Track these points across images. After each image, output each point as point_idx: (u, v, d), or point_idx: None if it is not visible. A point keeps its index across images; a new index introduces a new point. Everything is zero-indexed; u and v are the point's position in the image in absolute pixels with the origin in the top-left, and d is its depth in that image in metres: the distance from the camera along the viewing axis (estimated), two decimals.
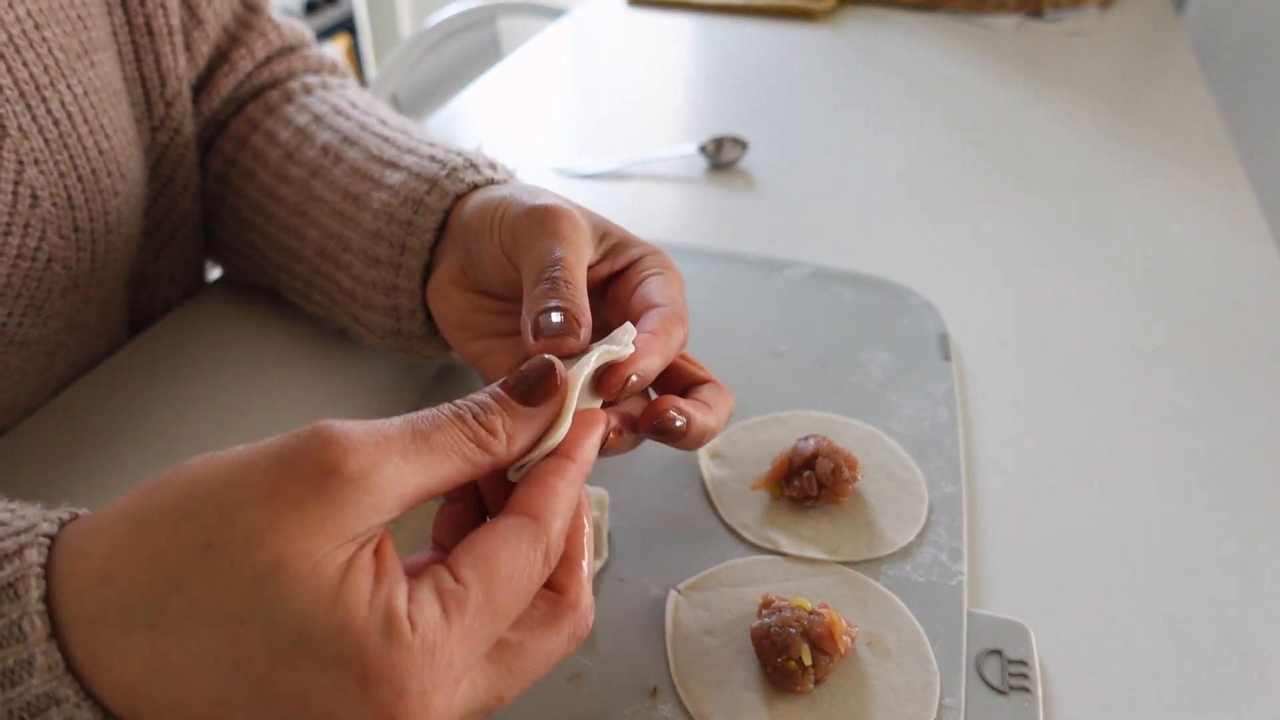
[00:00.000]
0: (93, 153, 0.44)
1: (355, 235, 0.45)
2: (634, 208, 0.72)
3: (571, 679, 0.35)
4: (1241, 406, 0.50)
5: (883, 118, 0.89)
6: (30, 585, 0.21)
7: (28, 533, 0.22)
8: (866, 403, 0.49)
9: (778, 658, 0.34)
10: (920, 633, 0.36)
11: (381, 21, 2.73)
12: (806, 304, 0.57)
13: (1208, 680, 0.36)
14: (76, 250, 0.45)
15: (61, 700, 0.21)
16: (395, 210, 0.43)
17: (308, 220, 0.48)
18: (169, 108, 0.51)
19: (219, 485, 0.22)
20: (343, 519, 0.22)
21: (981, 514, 0.43)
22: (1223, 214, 0.70)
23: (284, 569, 0.21)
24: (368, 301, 0.45)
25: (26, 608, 0.21)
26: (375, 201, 0.45)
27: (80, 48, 0.43)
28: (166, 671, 0.22)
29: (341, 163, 0.48)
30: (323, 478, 0.22)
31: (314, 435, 0.23)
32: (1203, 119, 0.87)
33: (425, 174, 0.44)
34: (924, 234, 0.68)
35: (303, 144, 0.50)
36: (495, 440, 0.26)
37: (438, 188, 0.43)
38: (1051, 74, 1.00)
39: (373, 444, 0.23)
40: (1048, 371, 0.53)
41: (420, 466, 0.24)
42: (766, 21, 1.17)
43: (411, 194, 0.43)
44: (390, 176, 0.45)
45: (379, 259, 0.44)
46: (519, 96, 0.97)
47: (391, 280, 0.44)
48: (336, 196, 0.47)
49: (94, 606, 0.22)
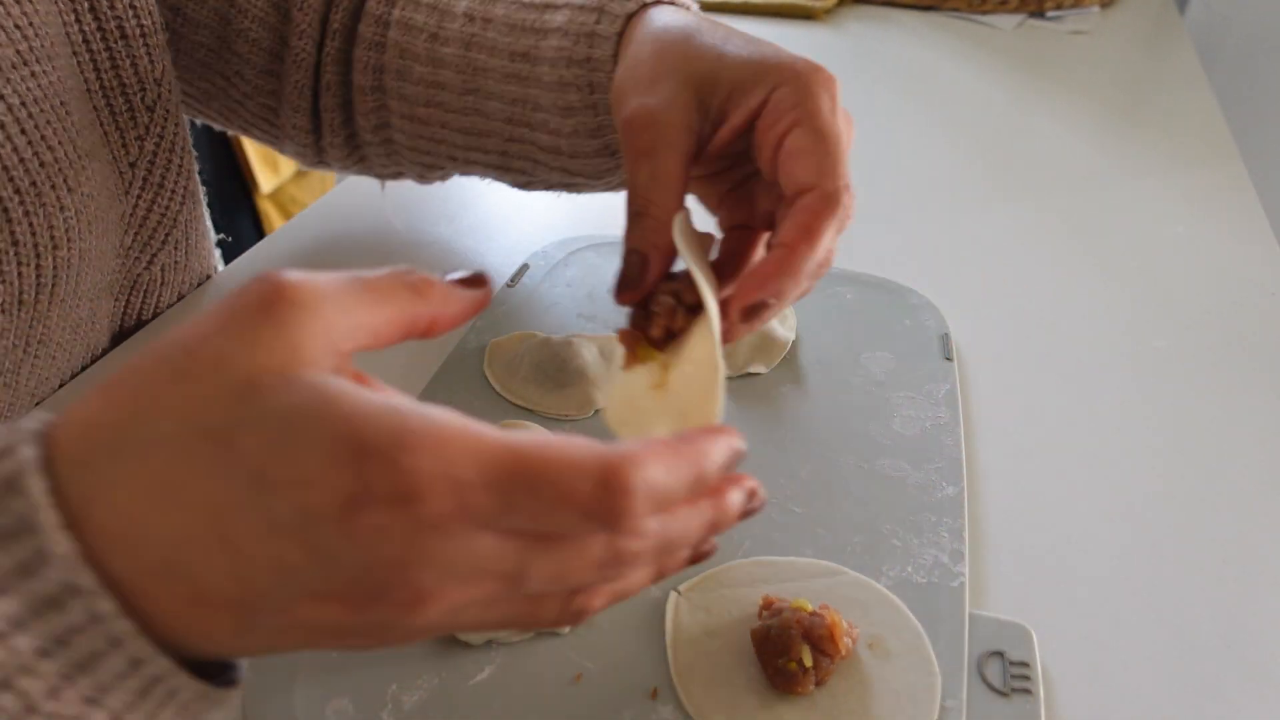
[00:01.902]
0: (32, 164, 0.43)
1: (539, 91, 0.44)
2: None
3: (572, 681, 0.35)
4: (1243, 407, 0.50)
5: (883, 117, 0.89)
6: (30, 479, 0.21)
7: (14, 433, 0.22)
8: (868, 403, 0.49)
9: (778, 659, 0.34)
10: (921, 634, 0.36)
11: None
12: (807, 304, 0.57)
13: (1209, 681, 0.36)
14: (18, 265, 0.43)
15: (81, 590, 0.20)
16: (570, 51, 0.42)
17: (482, 94, 0.47)
18: (151, 113, 0.50)
19: (180, 333, 0.23)
20: (293, 338, 0.22)
21: (983, 515, 0.43)
22: (1225, 214, 0.70)
23: (259, 384, 0.21)
24: (575, 150, 0.44)
25: (32, 499, 0.21)
26: (547, 50, 0.43)
27: (18, 57, 0.42)
28: (162, 489, 0.21)
29: (492, 24, 0.46)
30: (269, 305, 0.22)
31: (259, 276, 0.23)
32: (1205, 118, 0.87)
33: (589, 4, 0.42)
34: (925, 233, 0.68)
35: (443, 20, 0.48)
36: (432, 289, 0.26)
37: (605, 13, 0.42)
38: (1053, 73, 1.00)
39: (315, 279, 0.23)
40: (1049, 371, 0.53)
41: (361, 300, 0.24)
42: (766, 21, 1.17)
43: (581, 29, 0.42)
44: (552, 18, 0.43)
45: (572, 107, 0.43)
46: None
47: (593, 122, 0.43)
48: (503, 60, 0.45)
49: (81, 454, 0.21)
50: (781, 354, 0.52)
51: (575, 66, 0.42)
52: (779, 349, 0.52)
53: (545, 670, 0.35)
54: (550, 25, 0.43)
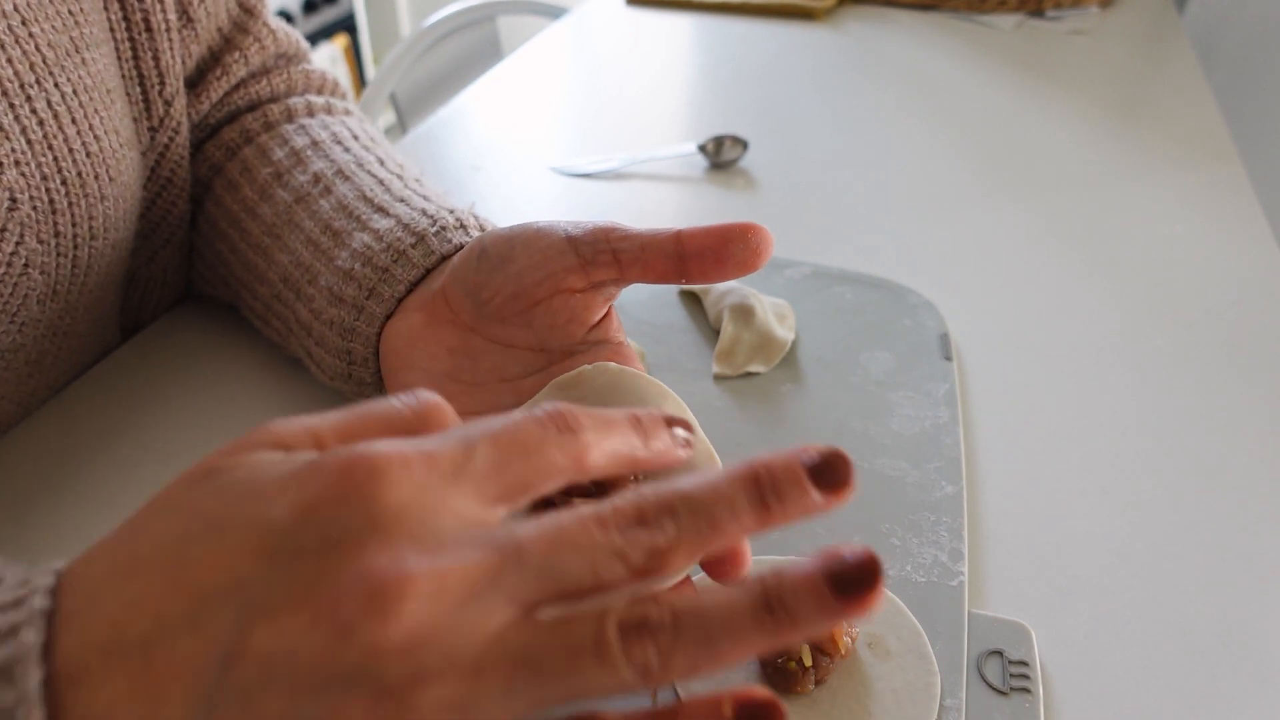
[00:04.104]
0: (79, 155, 0.43)
1: (325, 270, 0.44)
2: (633, 207, 0.72)
3: None
4: (1242, 406, 0.50)
5: (883, 117, 0.89)
6: (29, 669, 0.20)
7: (18, 608, 0.21)
8: (867, 402, 0.49)
9: (777, 658, 0.34)
10: (921, 633, 0.36)
11: (381, 21, 2.72)
12: (807, 304, 0.57)
13: (1209, 680, 0.36)
14: (56, 256, 0.43)
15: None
16: (374, 255, 0.42)
17: (280, 244, 0.47)
18: (168, 107, 0.50)
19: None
20: (261, 434, 0.24)
21: (982, 514, 0.43)
22: (1224, 213, 0.70)
23: (217, 468, 0.23)
24: (322, 339, 0.44)
25: (25, 693, 0.20)
26: (355, 241, 0.44)
27: (71, 44, 0.42)
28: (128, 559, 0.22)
29: (330, 195, 0.47)
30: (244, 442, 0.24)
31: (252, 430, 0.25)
32: (1204, 118, 0.87)
33: (414, 227, 0.43)
34: (924, 233, 0.68)
35: (294, 167, 0.49)
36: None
37: (424, 243, 0.42)
38: (1052, 73, 1.00)
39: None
40: (1049, 371, 0.53)
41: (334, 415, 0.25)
42: (766, 21, 1.17)
43: (396, 243, 0.42)
44: (377, 221, 0.44)
45: (343, 299, 0.43)
46: (519, 96, 0.97)
47: (350, 322, 0.42)
48: (316, 228, 0.46)
49: (79, 671, 0.21)
50: (781, 354, 0.52)
51: (370, 268, 0.42)
52: (778, 348, 0.52)
53: None
54: (372, 225, 0.44)
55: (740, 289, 0.55)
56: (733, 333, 0.53)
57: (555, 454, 0.24)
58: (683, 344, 0.54)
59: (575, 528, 0.22)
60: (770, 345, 0.52)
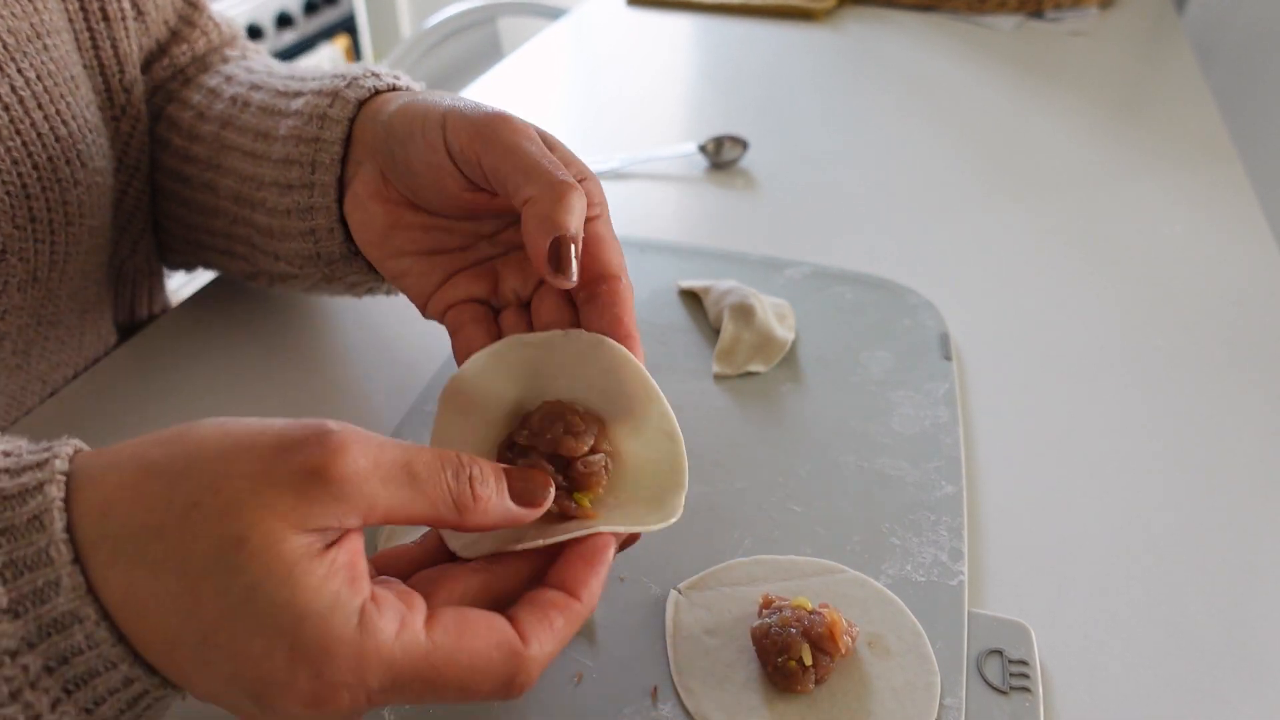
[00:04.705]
0: (48, 139, 0.43)
1: (267, 168, 0.44)
2: (634, 207, 0.72)
3: (572, 679, 0.35)
4: (1242, 406, 0.50)
5: (883, 117, 0.89)
6: (54, 517, 0.24)
7: (42, 468, 0.24)
8: (867, 402, 0.49)
9: (778, 657, 0.34)
10: (921, 633, 0.36)
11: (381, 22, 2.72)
12: (807, 304, 0.57)
13: (1208, 680, 0.36)
14: (34, 242, 0.43)
15: (83, 618, 0.23)
16: (301, 130, 0.43)
17: (221, 171, 0.47)
18: (129, 94, 0.50)
19: (220, 453, 0.25)
20: (309, 513, 0.24)
21: (982, 514, 0.43)
22: (1223, 214, 0.70)
23: (246, 542, 0.23)
24: (284, 232, 0.44)
25: (53, 536, 0.23)
26: (283, 128, 0.44)
27: (32, 30, 0.43)
28: (134, 605, 0.24)
29: (249, 107, 0.47)
30: (308, 473, 0.24)
31: (317, 430, 0.25)
32: (1203, 118, 0.87)
33: (326, 89, 0.43)
34: (924, 233, 0.68)
35: (213, 101, 0.50)
36: (472, 508, 0.28)
37: (339, 98, 0.42)
38: (1052, 74, 1.00)
39: (365, 460, 0.25)
40: (1048, 371, 0.53)
41: (395, 495, 0.26)
42: (766, 21, 1.17)
43: (314, 110, 0.43)
44: (294, 103, 0.44)
45: (291, 184, 0.43)
46: (519, 96, 0.97)
47: (306, 201, 0.43)
48: (247, 139, 0.46)
49: (93, 535, 0.24)
50: (781, 353, 0.52)
51: (303, 144, 0.43)
52: (779, 348, 0.52)
53: (545, 670, 0.35)
54: (290, 109, 0.44)
55: (740, 289, 0.55)
56: (733, 332, 0.53)
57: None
58: (683, 344, 0.54)
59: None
60: (770, 345, 0.52)
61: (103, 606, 0.24)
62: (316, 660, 0.24)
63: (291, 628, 0.23)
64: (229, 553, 0.23)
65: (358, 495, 0.25)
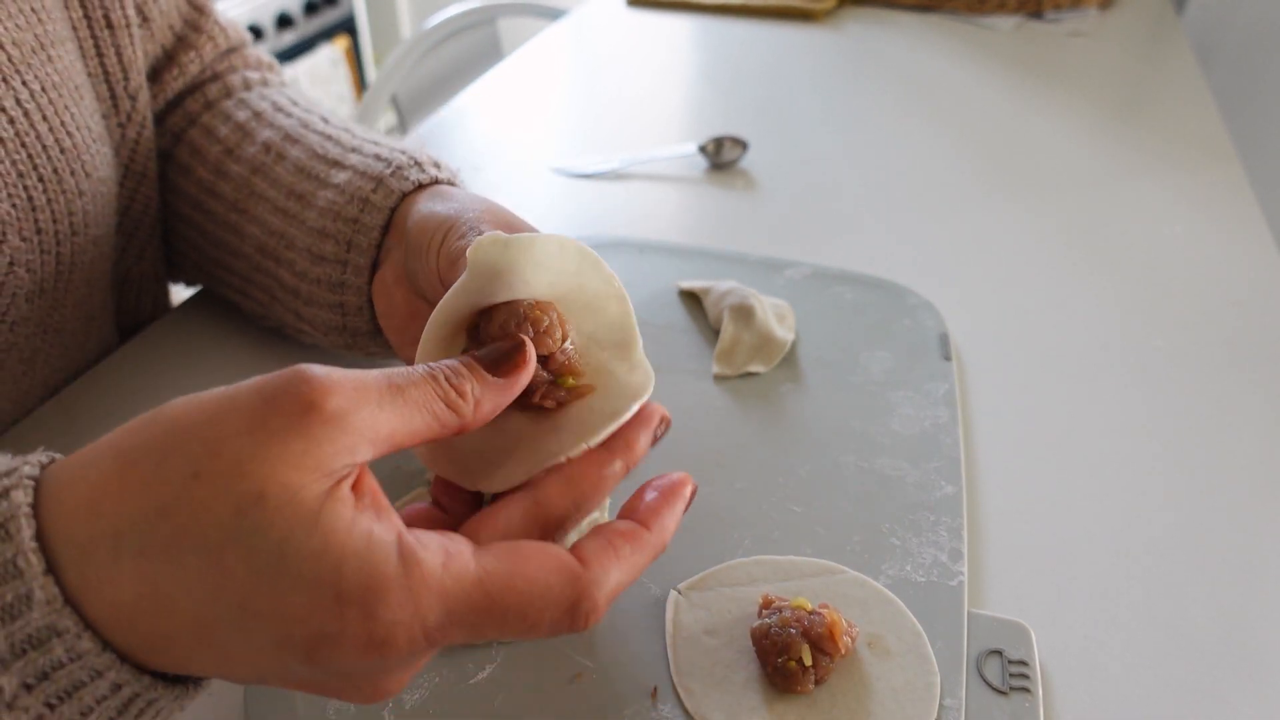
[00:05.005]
0: (54, 151, 0.43)
1: (300, 232, 0.46)
2: (633, 208, 0.72)
3: (572, 680, 0.35)
4: (1242, 406, 0.50)
5: (883, 118, 0.89)
6: (21, 524, 0.22)
7: (9, 475, 0.23)
8: (867, 402, 0.49)
9: (778, 658, 0.34)
10: (920, 633, 0.36)
11: (381, 22, 2.73)
12: (806, 304, 0.57)
13: (1208, 680, 0.36)
14: (40, 253, 0.44)
15: (63, 631, 0.22)
16: (342, 208, 0.44)
17: (247, 217, 0.48)
18: (134, 102, 0.51)
19: (204, 420, 0.23)
20: (320, 454, 0.23)
21: (982, 514, 0.43)
22: (1223, 214, 0.70)
23: (265, 498, 0.22)
24: (312, 298, 0.46)
25: (21, 545, 0.22)
26: (320, 199, 0.45)
27: (36, 42, 0.43)
28: (154, 595, 0.22)
29: (284, 160, 0.48)
30: (303, 414, 0.23)
31: (295, 375, 0.24)
32: (1203, 119, 0.87)
33: (371, 172, 0.44)
34: (924, 234, 0.68)
35: (243, 140, 0.50)
36: (464, 403, 0.27)
37: (383, 186, 0.43)
38: (1051, 74, 1.00)
39: (351, 388, 0.24)
40: (1048, 371, 0.53)
41: (393, 414, 0.25)
42: (766, 21, 1.17)
43: (358, 192, 0.44)
44: (335, 175, 0.45)
45: (325, 256, 0.44)
46: (519, 97, 0.97)
47: (339, 277, 0.44)
48: (279, 194, 0.47)
49: (83, 536, 0.22)
50: (781, 354, 0.52)
51: (341, 222, 0.44)
52: (778, 349, 0.52)
53: (545, 669, 0.35)
54: (332, 180, 0.45)
55: (740, 289, 0.55)
56: (733, 333, 0.53)
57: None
58: (683, 344, 0.54)
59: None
60: (770, 345, 0.52)
61: (84, 615, 0.22)
62: (366, 601, 0.22)
63: (332, 574, 0.22)
64: (248, 512, 0.22)
65: (360, 424, 0.24)
